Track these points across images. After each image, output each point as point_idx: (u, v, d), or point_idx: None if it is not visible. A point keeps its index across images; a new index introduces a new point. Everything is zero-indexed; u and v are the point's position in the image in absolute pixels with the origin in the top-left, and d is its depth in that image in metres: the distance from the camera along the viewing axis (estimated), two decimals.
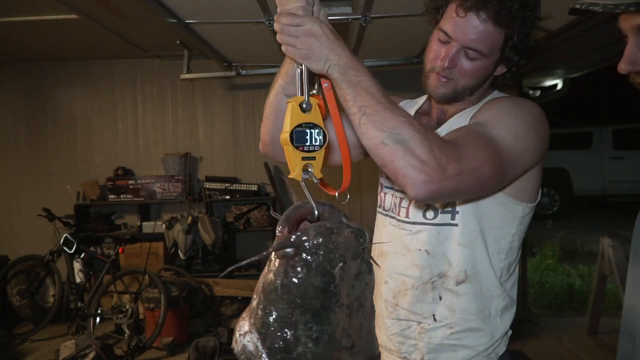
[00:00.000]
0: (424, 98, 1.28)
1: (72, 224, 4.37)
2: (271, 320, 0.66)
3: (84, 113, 4.95)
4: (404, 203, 1.19)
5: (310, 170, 0.79)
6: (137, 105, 4.97)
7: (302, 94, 0.81)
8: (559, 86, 5.56)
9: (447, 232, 1.12)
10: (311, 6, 0.86)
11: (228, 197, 4.72)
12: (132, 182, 4.68)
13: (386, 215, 1.25)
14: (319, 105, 0.88)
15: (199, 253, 4.72)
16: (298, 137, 0.79)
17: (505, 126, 0.99)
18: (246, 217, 4.74)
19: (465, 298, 1.12)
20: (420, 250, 1.14)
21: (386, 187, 1.27)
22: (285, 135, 0.78)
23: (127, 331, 3.71)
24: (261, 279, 0.69)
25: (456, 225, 1.11)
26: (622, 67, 0.76)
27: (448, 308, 1.13)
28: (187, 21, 2.89)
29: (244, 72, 4.12)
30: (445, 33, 1.05)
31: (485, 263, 1.12)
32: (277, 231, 0.72)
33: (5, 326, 4.13)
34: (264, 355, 0.66)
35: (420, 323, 1.15)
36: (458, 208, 1.12)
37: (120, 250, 4.30)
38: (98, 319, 3.94)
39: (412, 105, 1.29)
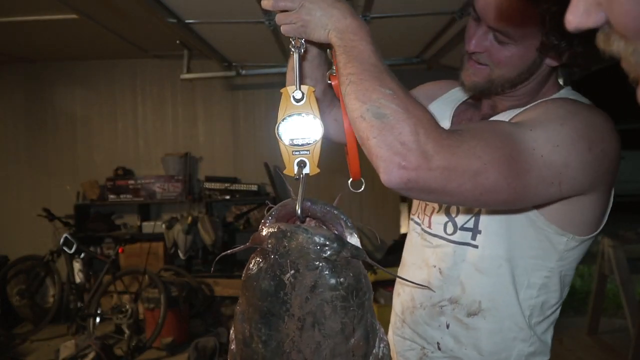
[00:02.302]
0: None
1: (72, 224, 4.37)
2: (238, 310, 0.68)
3: (84, 113, 4.95)
4: (428, 210, 1.05)
5: (304, 166, 0.74)
6: (137, 105, 4.97)
7: (297, 82, 0.75)
8: None
9: (464, 253, 0.96)
10: None
11: (228, 197, 4.72)
12: (132, 182, 4.67)
13: (413, 220, 1.12)
14: (334, 87, 0.84)
15: (199, 253, 4.71)
16: (289, 129, 0.74)
17: (545, 131, 0.78)
18: (246, 217, 4.74)
19: (475, 333, 0.95)
20: (435, 267, 1.01)
21: None
22: (275, 129, 0.74)
23: (127, 331, 3.71)
24: None
25: (476, 247, 0.95)
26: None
27: (455, 339, 0.98)
28: (187, 21, 2.89)
29: (244, 72, 4.12)
30: (474, 9, 0.89)
31: (508, 297, 0.94)
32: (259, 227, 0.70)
33: (5, 326, 4.13)
34: (232, 342, 0.70)
35: (424, 348, 1.02)
36: (481, 227, 0.94)
37: (120, 250, 4.29)
38: (98, 319, 3.94)
39: (463, 94, 1.12)
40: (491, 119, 0.96)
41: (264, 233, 0.65)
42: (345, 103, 0.75)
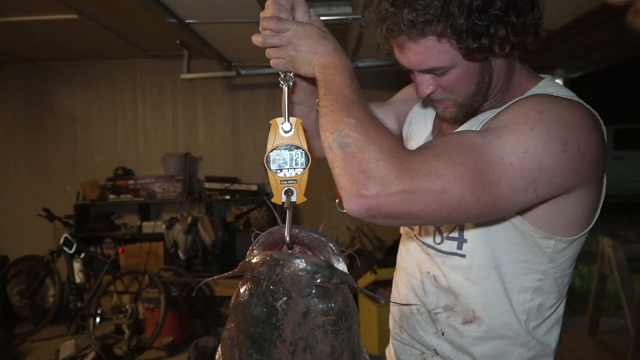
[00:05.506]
0: None
1: (72, 224, 4.37)
2: (226, 335, 0.70)
3: (84, 113, 4.95)
4: None
5: (292, 195, 0.77)
6: (137, 105, 4.97)
7: (286, 114, 0.79)
8: None
9: (454, 263, 0.95)
10: (287, 10, 0.84)
11: (228, 197, 4.72)
12: (132, 182, 4.68)
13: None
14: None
15: (199, 253, 4.72)
16: (277, 159, 0.77)
17: (514, 137, 0.76)
18: (246, 217, 4.74)
19: (471, 341, 0.95)
20: (429, 273, 1.00)
21: None
22: (264, 159, 0.77)
23: (127, 331, 3.71)
24: None
25: (463, 256, 0.93)
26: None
27: (451, 345, 0.98)
28: (187, 21, 2.89)
29: (244, 72, 4.12)
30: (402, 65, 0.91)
31: (501, 305, 0.92)
32: (247, 253, 0.71)
33: (5, 326, 4.13)
34: None
35: (423, 353, 1.03)
36: (467, 236, 0.93)
37: (120, 250, 4.30)
38: (98, 319, 3.94)
39: None
40: (463, 125, 0.95)
41: (255, 260, 0.66)
42: (320, 134, 0.77)
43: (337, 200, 0.86)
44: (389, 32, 0.83)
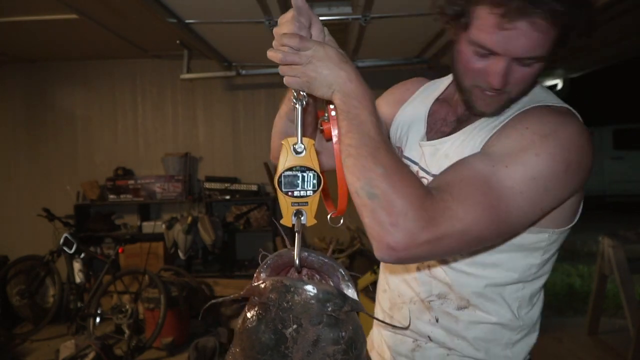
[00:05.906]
0: (449, 80, 1.10)
1: (72, 224, 4.37)
2: (230, 359, 0.68)
3: (84, 113, 4.96)
4: None
5: (302, 217, 0.75)
6: (137, 105, 4.97)
7: (299, 134, 0.77)
8: (559, 86, 5.56)
9: (447, 259, 0.99)
10: (306, 28, 0.81)
11: (228, 197, 4.72)
12: (132, 182, 4.68)
13: None
14: (325, 132, 0.86)
15: (199, 253, 4.72)
16: (289, 181, 0.75)
17: (521, 164, 0.81)
18: (246, 217, 4.74)
19: (464, 325, 0.99)
20: (423, 263, 1.03)
21: None
22: (275, 180, 0.76)
23: (127, 331, 3.71)
24: None
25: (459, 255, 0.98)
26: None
27: (445, 331, 1.01)
28: (187, 21, 2.89)
29: (244, 72, 4.12)
30: (484, 47, 0.85)
31: (495, 295, 0.97)
32: (254, 276, 0.70)
33: (5, 326, 4.13)
34: None
35: (416, 340, 1.06)
36: None
37: (120, 250, 4.30)
38: (98, 319, 3.93)
39: (433, 90, 1.12)
40: (470, 125, 0.96)
41: (264, 285, 0.65)
42: (344, 173, 0.79)
43: (329, 216, 0.86)
44: (521, 8, 0.78)
